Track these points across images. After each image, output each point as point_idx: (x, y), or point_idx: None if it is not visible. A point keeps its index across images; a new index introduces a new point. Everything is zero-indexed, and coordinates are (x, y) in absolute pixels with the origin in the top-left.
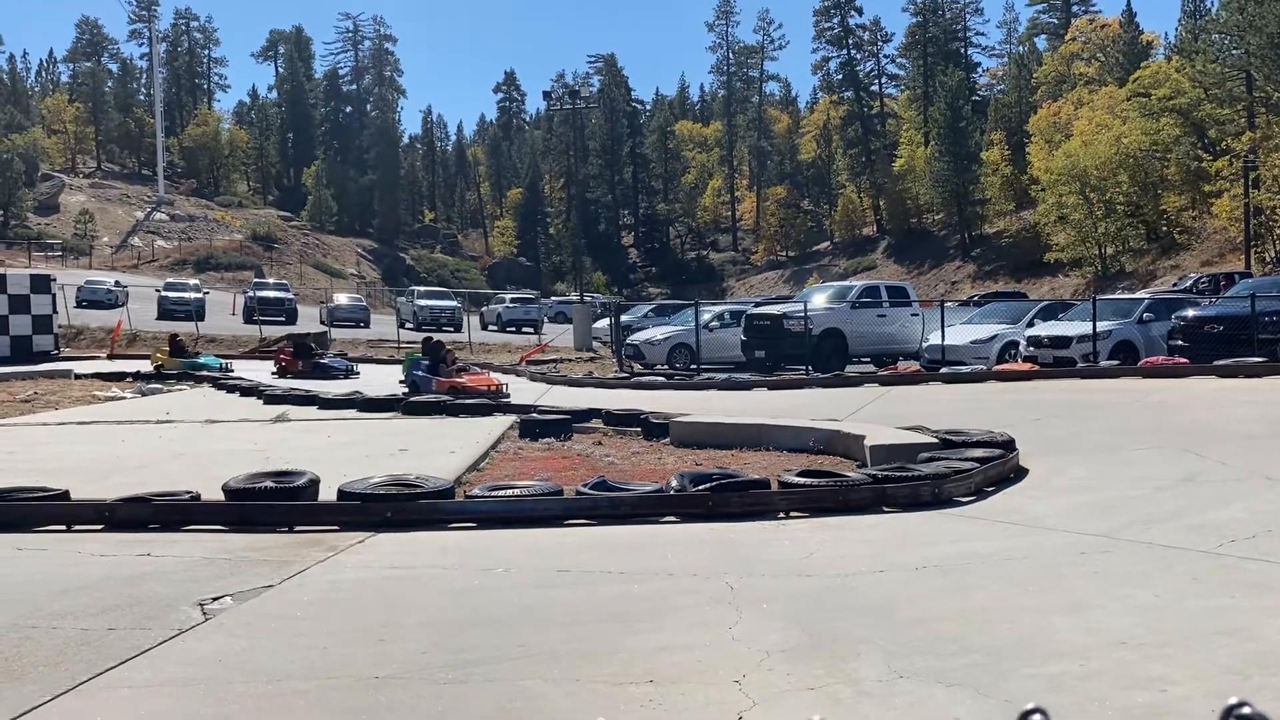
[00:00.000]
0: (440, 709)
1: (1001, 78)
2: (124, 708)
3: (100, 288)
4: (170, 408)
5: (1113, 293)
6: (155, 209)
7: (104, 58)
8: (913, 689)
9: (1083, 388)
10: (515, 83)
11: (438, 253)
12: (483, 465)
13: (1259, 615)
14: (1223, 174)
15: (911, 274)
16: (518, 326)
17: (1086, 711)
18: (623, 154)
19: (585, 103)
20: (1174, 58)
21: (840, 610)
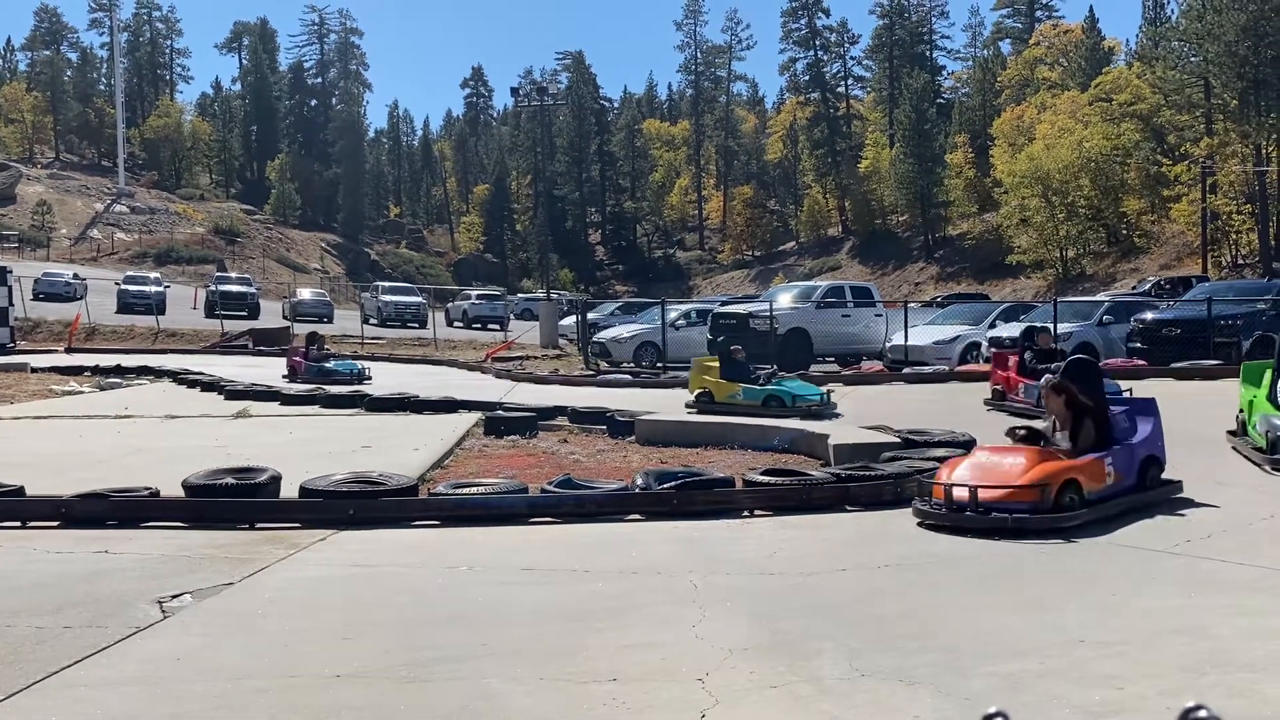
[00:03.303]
0: (402, 708)
1: (966, 81)
2: (80, 707)
3: (58, 280)
4: (129, 403)
5: (1073, 295)
6: (115, 201)
7: (63, 46)
8: (874, 687)
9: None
10: (483, 78)
11: (403, 248)
12: (447, 463)
13: (1213, 614)
14: (1181, 179)
15: (876, 275)
16: (483, 323)
17: (1045, 709)
18: (590, 152)
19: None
20: (1135, 64)
21: (803, 609)
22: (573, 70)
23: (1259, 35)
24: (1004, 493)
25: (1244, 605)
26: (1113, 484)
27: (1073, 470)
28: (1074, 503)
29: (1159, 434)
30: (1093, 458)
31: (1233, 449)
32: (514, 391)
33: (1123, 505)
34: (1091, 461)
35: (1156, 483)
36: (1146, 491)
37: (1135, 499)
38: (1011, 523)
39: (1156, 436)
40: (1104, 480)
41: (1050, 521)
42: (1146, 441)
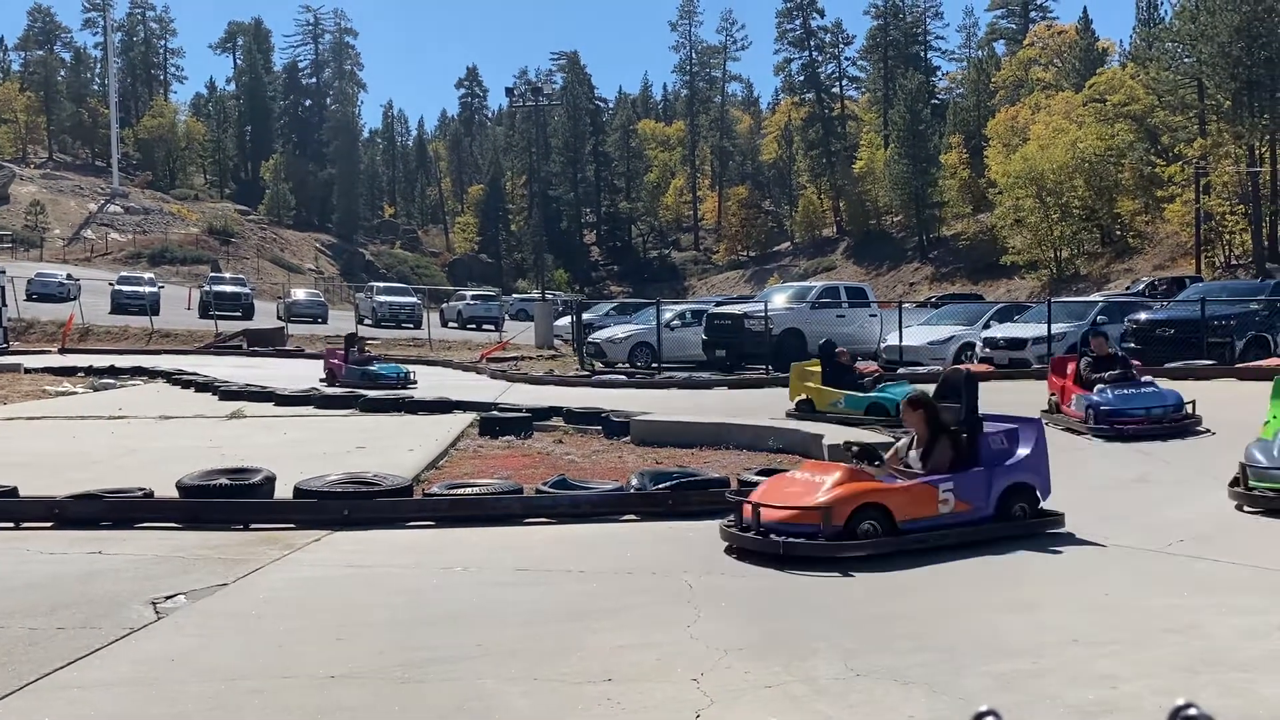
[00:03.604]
0: (397, 709)
1: (960, 81)
2: (74, 709)
3: (52, 280)
4: (123, 403)
5: (1068, 295)
6: (109, 201)
7: (56, 46)
8: (869, 687)
9: (1038, 389)
10: (478, 79)
11: (398, 248)
12: (442, 463)
13: (1206, 613)
14: (1175, 179)
15: (870, 275)
16: (478, 324)
17: (1038, 709)
18: (585, 152)
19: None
20: (1129, 65)
21: (798, 608)
22: (567, 70)
23: (1252, 36)
24: (786, 514)
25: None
26: (951, 513)
27: (878, 494)
28: (872, 531)
29: (1038, 458)
30: (917, 482)
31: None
32: (509, 392)
33: (960, 538)
34: (913, 486)
35: (1028, 514)
36: (1008, 523)
37: (989, 531)
38: (782, 548)
39: (1034, 461)
40: (934, 508)
41: (827, 549)
42: (1015, 467)
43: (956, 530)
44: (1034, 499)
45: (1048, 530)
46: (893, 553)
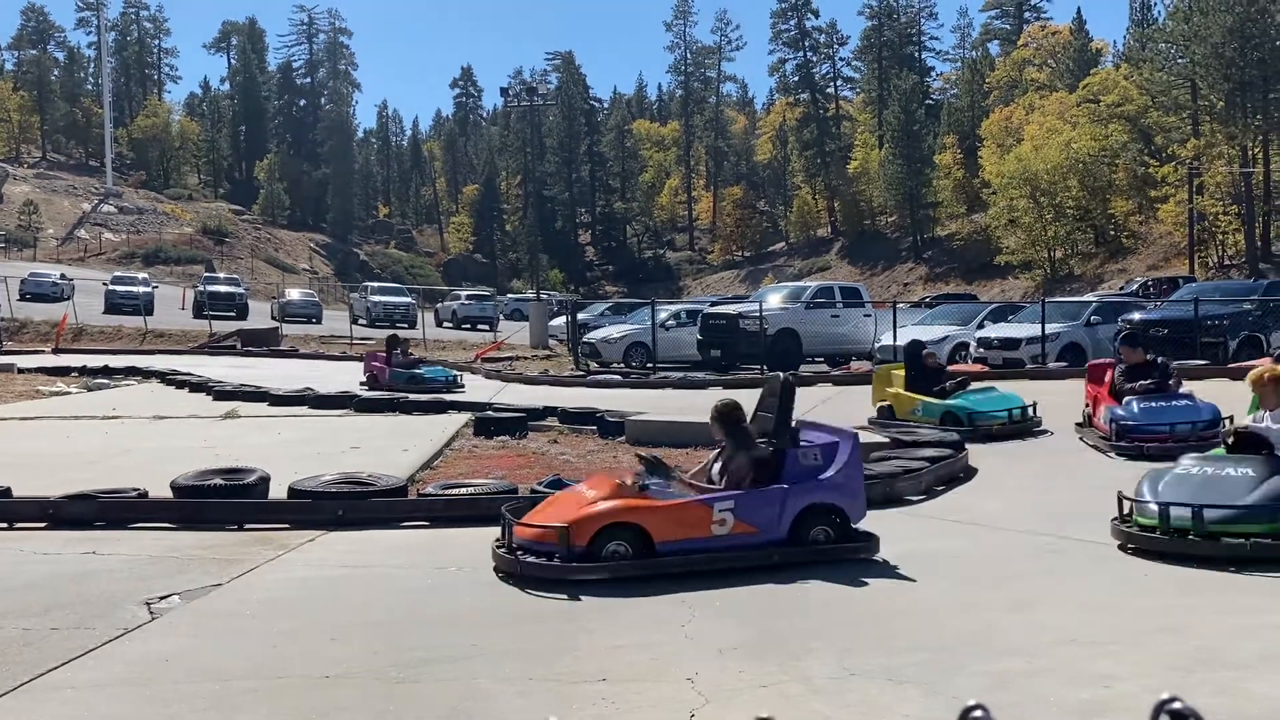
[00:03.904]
0: (392, 709)
1: (955, 82)
2: (68, 709)
3: (45, 280)
4: (117, 403)
5: (1061, 295)
6: (103, 201)
7: (50, 46)
8: (863, 686)
9: (1032, 389)
10: (472, 79)
11: (392, 248)
12: (436, 463)
13: (1201, 613)
14: (1168, 180)
15: (865, 275)
16: (473, 324)
17: (1033, 708)
18: (580, 152)
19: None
20: (1122, 65)
21: (792, 608)
22: (562, 70)
23: (1245, 37)
24: (533, 532)
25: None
26: (729, 535)
27: (630, 513)
28: (622, 553)
29: (849, 477)
30: (687, 500)
31: None
32: (504, 392)
33: (734, 562)
34: (679, 505)
35: (832, 539)
36: (800, 549)
37: (773, 556)
38: (520, 568)
39: (842, 480)
40: (706, 529)
41: (560, 571)
42: (817, 486)
43: (731, 554)
44: (841, 522)
45: (852, 557)
46: (649, 576)
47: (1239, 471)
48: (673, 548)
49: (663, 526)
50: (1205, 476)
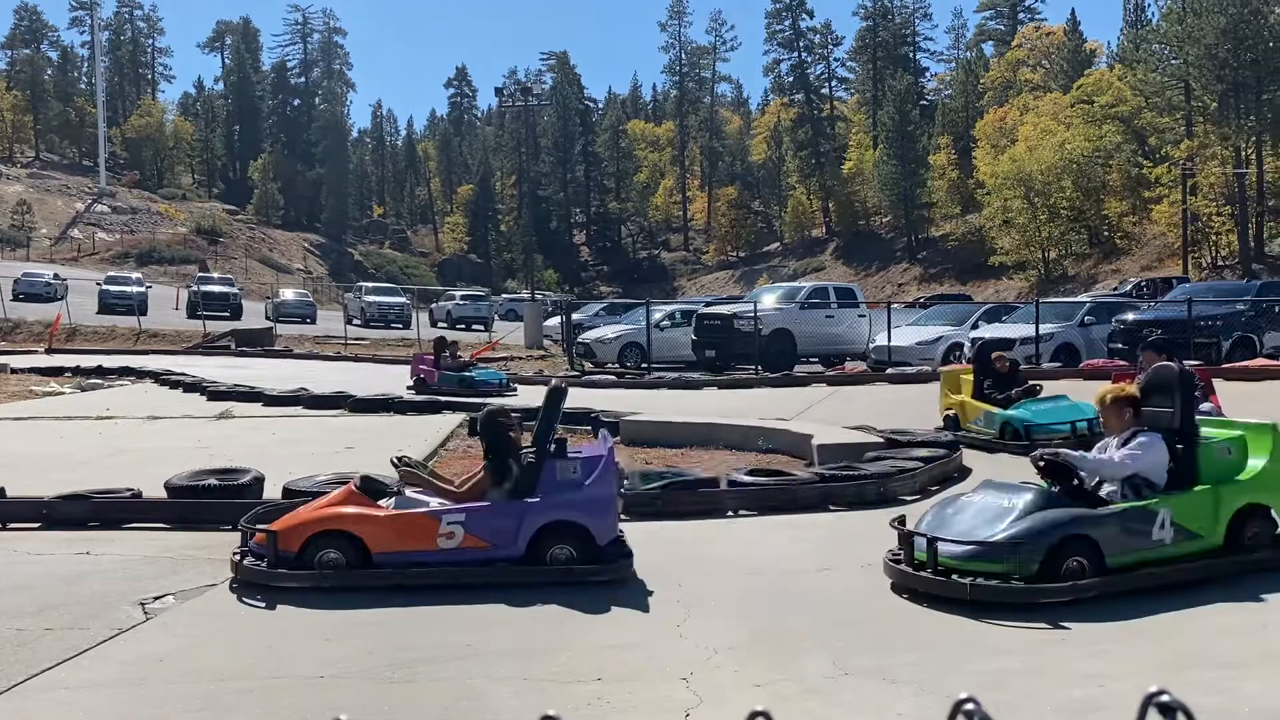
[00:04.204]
0: (386, 708)
1: (949, 83)
2: (62, 709)
3: (38, 280)
4: (111, 404)
5: (1056, 296)
6: (96, 200)
7: (43, 45)
8: (858, 685)
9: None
10: (467, 79)
11: (386, 248)
12: (431, 463)
13: (1193, 611)
14: (1162, 181)
15: (859, 275)
16: (468, 324)
17: (1026, 706)
18: (575, 152)
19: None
20: (1116, 66)
21: (787, 608)
22: (557, 70)
23: (1238, 38)
24: (260, 536)
25: None
26: (457, 549)
27: (344, 521)
28: (335, 561)
29: (598, 494)
30: (412, 511)
31: None
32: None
33: (454, 578)
34: (400, 516)
35: (575, 559)
36: (536, 567)
37: (518, 572)
38: (237, 571)
39: (590, 497)
40: (433, 542)
41: (267, 577)
42: (561, 504)
43: (459, 570)
44: (586, 541)
45: (594, 579)
46: (358, 587)
47: (1010, 501)
48: (392, 559)
49: (380, 537)
50: (975, 504)
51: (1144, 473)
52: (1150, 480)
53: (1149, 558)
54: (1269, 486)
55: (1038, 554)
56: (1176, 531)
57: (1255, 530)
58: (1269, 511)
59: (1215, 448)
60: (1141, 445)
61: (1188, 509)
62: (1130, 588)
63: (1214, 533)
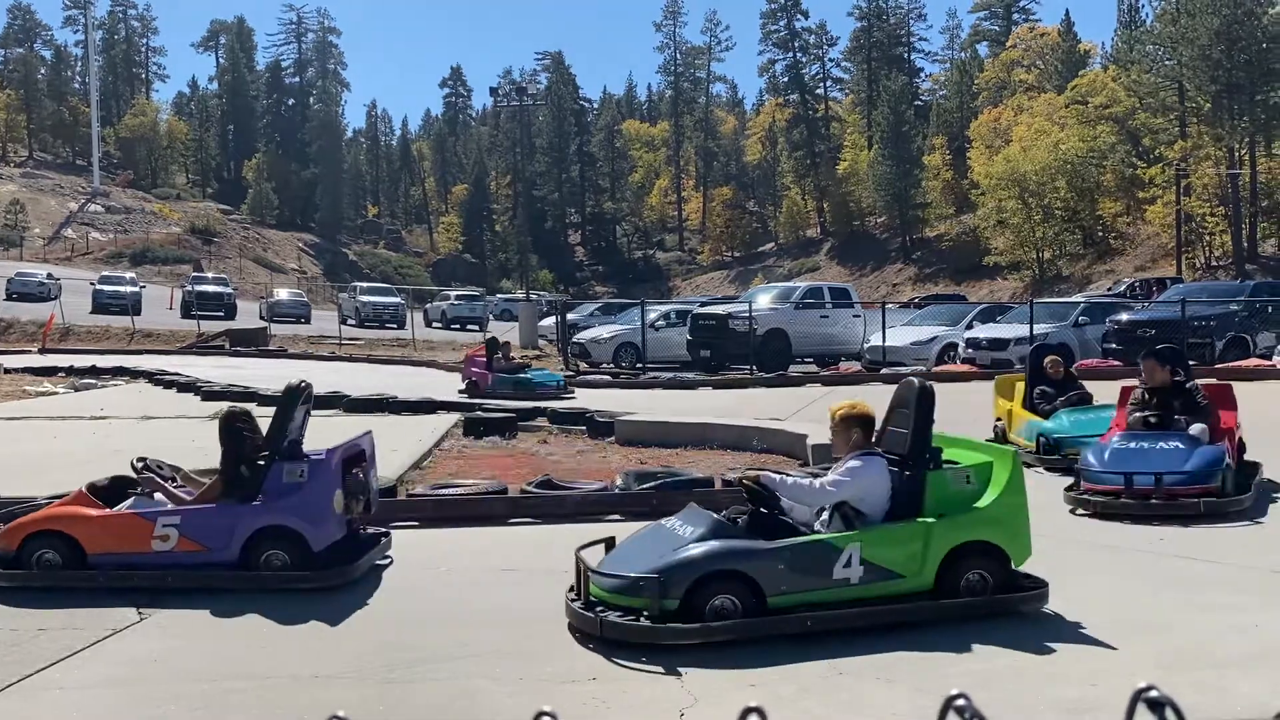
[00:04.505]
0: (382, 708)
1: (944, 83)
2: (56, 709)
3: (32, 280)
4: (105, 404)
5: (1050, 296)
6: (90, 200)
7: (37, 44)
8: (853, 685)
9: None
10: (462, 79)
11: (381, 248)
12: (426, 464)
13: (1187, 611)
14: (1156, 181)
15: (854, 276)
16: (462, 324)
17: (1019, 705)
18: (570, 152)
19: (532, 100)
20: (1110, 67)
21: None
22: (552, 70)
23: (1232, 39)
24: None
25: None
26: (176, 551)
27: (55, 521)
28: (51, 561)
29: (314, 497)
30: (128, 512)
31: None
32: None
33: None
34: (115, 516)
35: (289, 564)
36: (253, 572)
37: (225, 578)
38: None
39: (304, 502)
40: (147, 544)
41: None
42: (276, 508)
43: (160, 572)
44: (301, 547)
45: (302, 586)
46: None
47: (687, 530)
48: (108, 560)
49: (96, 538)
50: (663, 532)
51: (854, 500)
52: (861, 510)
53: (828, 599)
54: (995, 521)
55: (677, 590)
56: (868, 570)
57: (979, 571)
58: (1000, 550)
59: (951, 476)
60: (851, 470)
61: (884, 545)
62: (782, 632)
63: (921, 572)
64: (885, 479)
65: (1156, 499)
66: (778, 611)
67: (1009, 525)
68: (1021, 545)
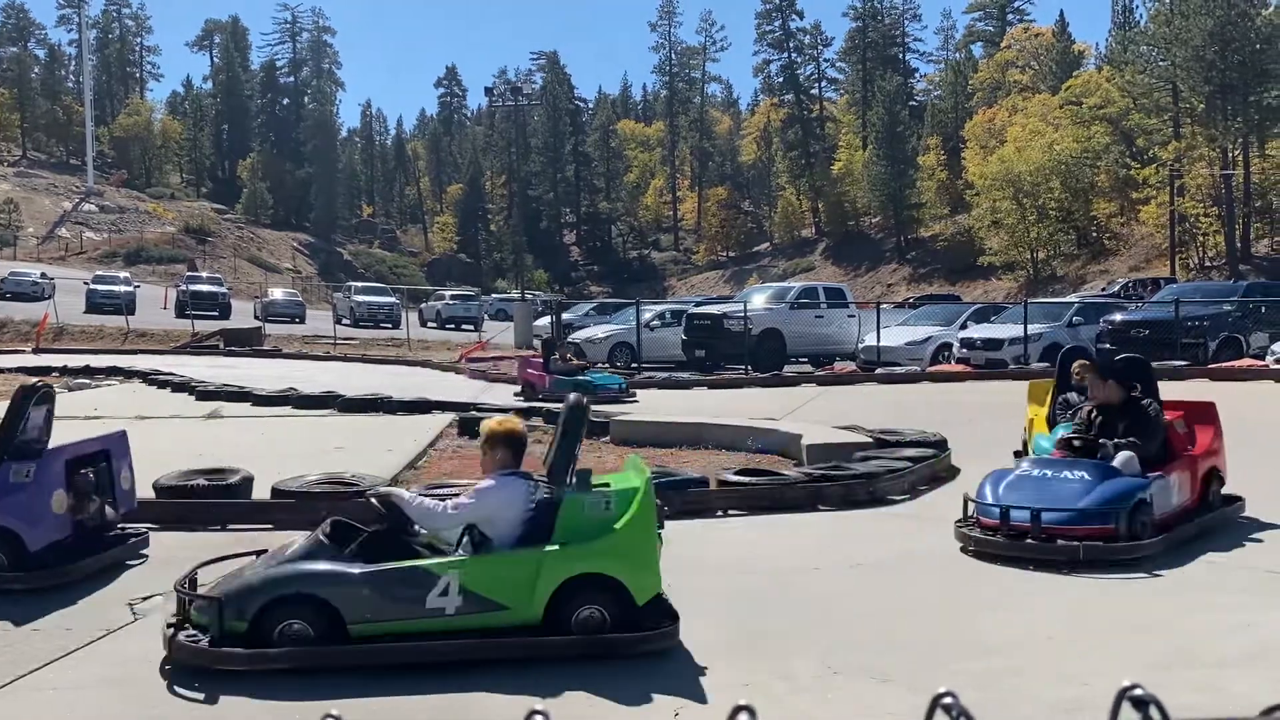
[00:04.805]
0: (377, 707)
1: (938, 84)
2: (51, 710)
3: (25, 279)
4: (99, 404)
5: (1044, 296)
6: (84, 199)
7: (30, 43)
8: (847, 684)
9: (1014, 389)
10: (457, 78)
11: (376, 248)
12: (421, 463)
13: (1179, 612)
14: (1149, 182)
15: (849, 275)
16: (457, 324)
17: (1013, 705)
18: (565, 152)
19: (527, 100)
20: (1104, 68)
21: (776, 607)
22: (547, 70)
23: (1225, 40)
24: None
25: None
26: None
27: None
28: None
29: (29, 500)
30: None
31: None
32: (488, 392)
33: None
34: None
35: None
36: None
37: None
38: None
39: (19, 501)
40: None
41: None
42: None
43: None
44: (14, 546)
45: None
46: None
47: (294, 547)
48: None
49: None
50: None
51: (482, 524)
52: (488, 534)
53: (419, 629)
54: (616, 553)
55: (246, 612)
56: (468, 600)
57: (596, 607)
58: (621, 585)
59: (589, 501)
60: (479, 491)
61: (488, 573)
62: (358, 663)
63: (528, 605)
64: (519, 501)
65: (1033, 539)
66: (362, 640)
67: (632, 558)
68: (645, 581)
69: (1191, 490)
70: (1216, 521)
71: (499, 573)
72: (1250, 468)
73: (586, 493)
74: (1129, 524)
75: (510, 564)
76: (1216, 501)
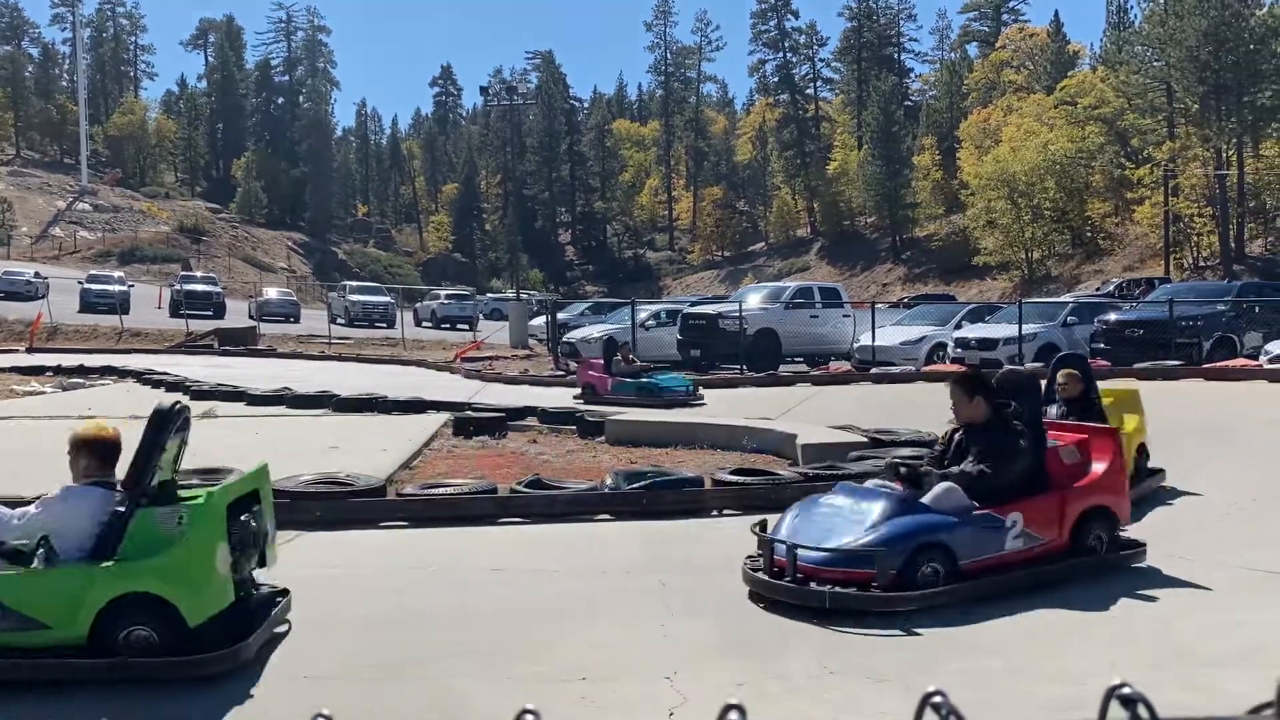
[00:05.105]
0: (369, 709)
1: (933, 84)
2: (48, 710)
3: (19, 279)
4: (93, 403)
5: (1039, 296)
6: (78, 199)
7: (24, 42)
8: (842, 684)
9: None
10: (452, 77)
11: (371, 247)
12: (416, 463)
13: (1177, 611)
14: (1144, 182)
15: (844, 275)
16: (452, 323)
17: (1009, 704)
18: (560, 151)
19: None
20: (1099, 68)
21: (771, 607)
22: (542, 70)
23: (1219, 41)
24: None
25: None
26: None
27: None
28: None
29: None
30: None
31: None
32: (483, 392)
33: None
34: None
35: None
36: None
37: None
38: None
39: None
40: None
41: None
42: None
43: None
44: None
45: None
46: None
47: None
48: None
49: None
50: None
51: (51, 536)
52: (57, 547)
53: None
54: (165, 572)
55: None
56: (6, 616)
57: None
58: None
59: (160, 515)
60: (44, 502)
61: (30, 590)
62: None
63: (72, 624)
64: (88, 513)
65: (789, 579)
66: None
67: (186, 577)
68: (199, 601)
69: (1058, 530)
70: (1092, 566)
71: (42, 589)
72: (1238, 470)
73: (162, 506)
74: (906, 569)
75: (54, 580)
76: (1100, 545)
